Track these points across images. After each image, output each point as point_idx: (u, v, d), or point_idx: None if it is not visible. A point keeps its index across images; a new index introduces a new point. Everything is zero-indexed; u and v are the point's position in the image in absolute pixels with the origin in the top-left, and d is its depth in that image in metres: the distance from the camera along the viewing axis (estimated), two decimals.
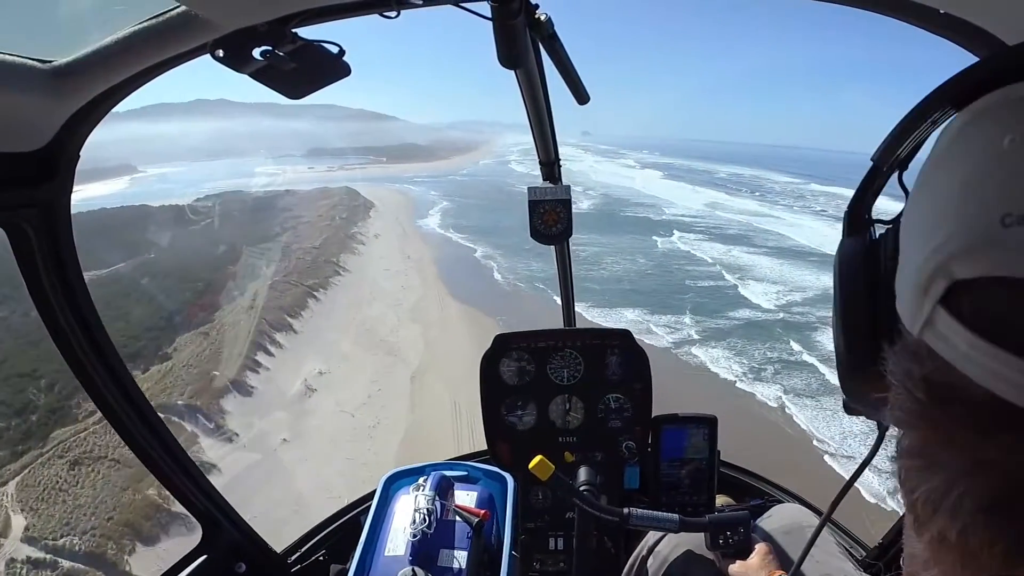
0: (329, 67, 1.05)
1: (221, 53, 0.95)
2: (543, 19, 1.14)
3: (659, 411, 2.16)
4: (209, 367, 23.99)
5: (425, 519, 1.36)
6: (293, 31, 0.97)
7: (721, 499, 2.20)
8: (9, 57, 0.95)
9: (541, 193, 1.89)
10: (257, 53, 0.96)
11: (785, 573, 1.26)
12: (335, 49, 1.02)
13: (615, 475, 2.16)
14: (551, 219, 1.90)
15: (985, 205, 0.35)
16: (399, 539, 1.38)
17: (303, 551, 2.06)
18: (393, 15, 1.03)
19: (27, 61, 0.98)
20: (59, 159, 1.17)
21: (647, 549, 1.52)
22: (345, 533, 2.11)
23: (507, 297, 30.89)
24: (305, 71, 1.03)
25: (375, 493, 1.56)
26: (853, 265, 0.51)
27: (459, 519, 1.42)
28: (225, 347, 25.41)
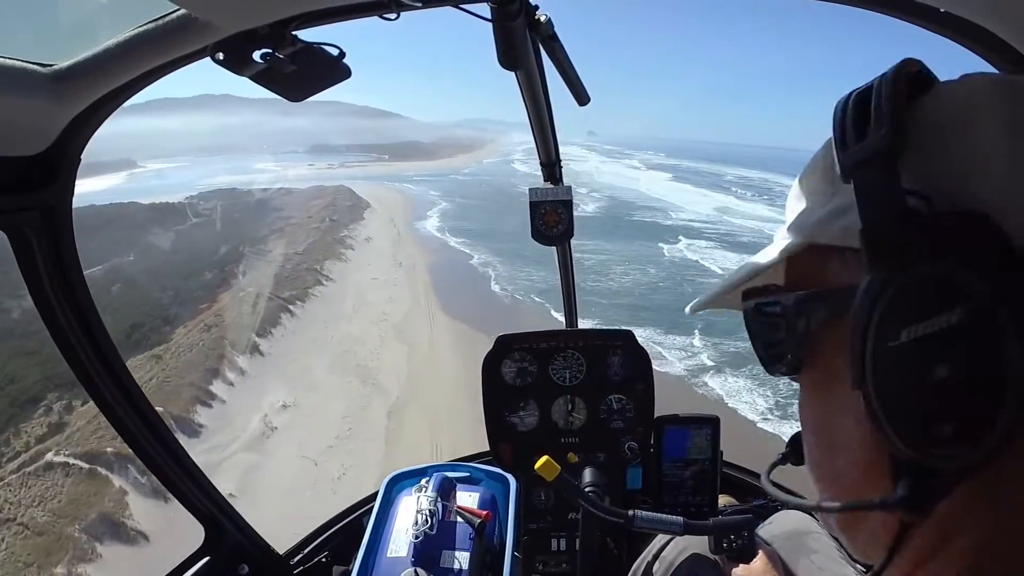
0: (329, 69, 1.05)
1: (221, 56, 0.95)
2: (543, 20, 1.14)
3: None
4: (156, 400, 20.98)
5: (427, 520, 1.36)
6: (293, 33, 0.97)
7: (724, 499, 2.20)
8: (10, 61, 0.95)
9: (542, 194, 1.89)
10: (257, 56, 0.97)
11: None
12: (335, 51, 1.02)
13: (617, 476, 2.16)
14: (552, 220, 1.90)
15: None
16: (401, 540, 1.38)
17: (306, 552, 2.07)
18: (393, 17, 1.03)
19: (28, 65, 0.98)
20: (60, 163, 1.17)
21: (652, 555, 1.51)
22: (348, 535, 2.11)
23: (505, 312, 28.93)
24: (305, 73, 1.03)
25: (377, 495, 1.56)
26: None
27: (461, 520, 1.42)
28: (173, 376, 22.15)
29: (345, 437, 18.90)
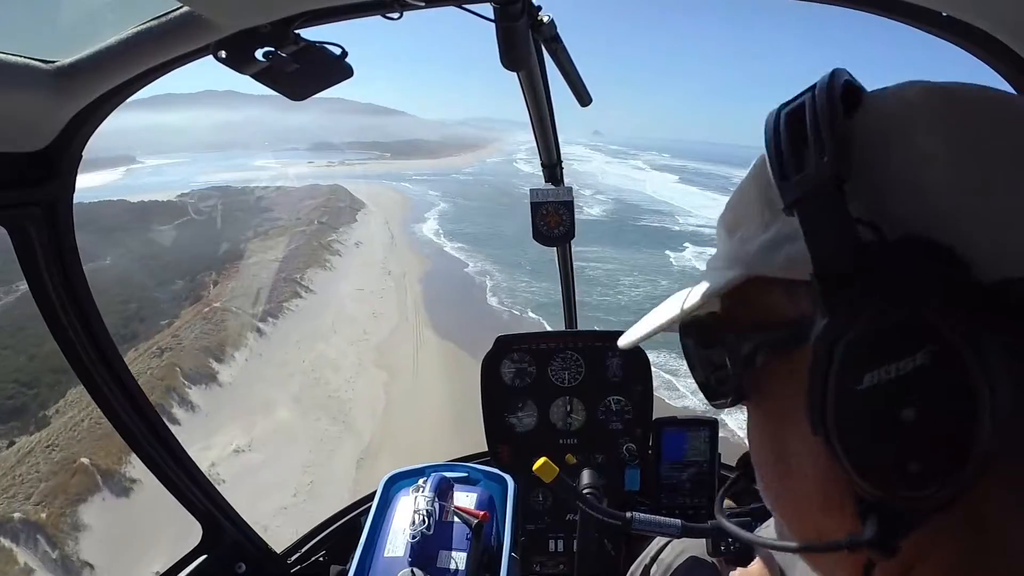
0: (331, 68, 1.05)
1: (223, 54, 0.95)
2: (546, 21, 1.14)
3: None
4: (82, 448, 16.67)
5: (425, 520, 1.36)
6: (295, 32, 0.97)
7: None
8: (12, 57, 0.95)
9: (543, 195, 1.89)
10: (259, 54, 0.97)
11: None
12: (337, 51, 1.02)
13: (616, 477, 2.15)
14: (553, 221, 1.90)
15: None
16: (398, 540, 1.38)
17: (303, 551, 2.06)
18: (396, 16, 1.04)
19: (30, 61, 0.98)
20: (62, 159, 1.17)
21: (650, 557, 1.51)
22: (345, 534, 2.11)
23: (501, 330, 24.76)
24: (307, 72, 1.03)
25: (375, 494, 1.56)
26: None
27: (459, 520, 1.41)
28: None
29: (304, 494, 15.95)
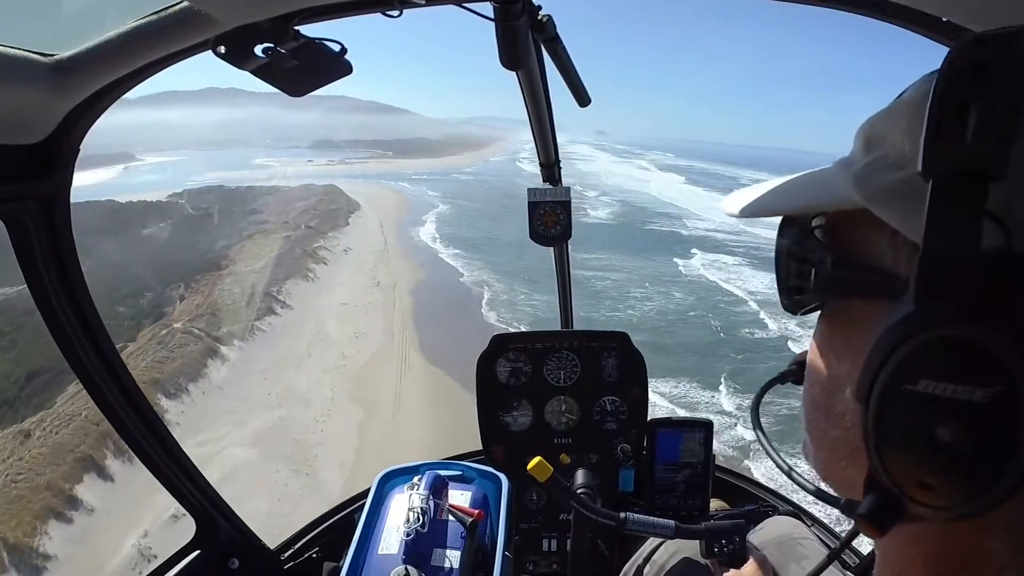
0: (330, 65, 1.05)
1: (223, 49, 0.95)
2: (545, 20, 1.14)
3: None
4: None
5: (419, 518, 1.36)
6: (295, 28, 0.97)
7: (715, 503, 2.20)
8: (11, 50, 0.95)
9: (541, 195, 1.90)
10: (259, 50, 0.97)
11: None
12: (337, 47, 1.02)
13: (610, 477, 2.16)
14: (551, 221, 1.90)
15: None
16: (392, 538, 1.38)
17: (296, 548, 2.06)
18: (396, 14, 1.04)
19: (29, 55, 0.98)
20: (60, 152, 1.17)
21: (643, 558, 1.51)
22: (339, 531, 2.11)
23: None
24: (307, 69, 1.04)
25: (369, 491, 1.56)
26: None
27: (453, 519, 1.42)
28: (28, 472, 14.59)
29: None
